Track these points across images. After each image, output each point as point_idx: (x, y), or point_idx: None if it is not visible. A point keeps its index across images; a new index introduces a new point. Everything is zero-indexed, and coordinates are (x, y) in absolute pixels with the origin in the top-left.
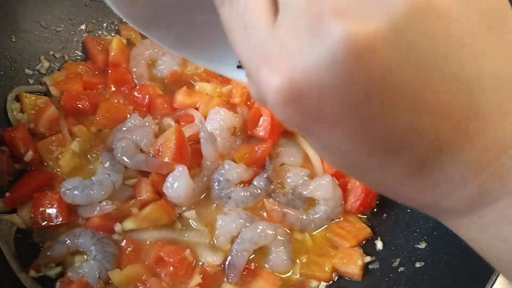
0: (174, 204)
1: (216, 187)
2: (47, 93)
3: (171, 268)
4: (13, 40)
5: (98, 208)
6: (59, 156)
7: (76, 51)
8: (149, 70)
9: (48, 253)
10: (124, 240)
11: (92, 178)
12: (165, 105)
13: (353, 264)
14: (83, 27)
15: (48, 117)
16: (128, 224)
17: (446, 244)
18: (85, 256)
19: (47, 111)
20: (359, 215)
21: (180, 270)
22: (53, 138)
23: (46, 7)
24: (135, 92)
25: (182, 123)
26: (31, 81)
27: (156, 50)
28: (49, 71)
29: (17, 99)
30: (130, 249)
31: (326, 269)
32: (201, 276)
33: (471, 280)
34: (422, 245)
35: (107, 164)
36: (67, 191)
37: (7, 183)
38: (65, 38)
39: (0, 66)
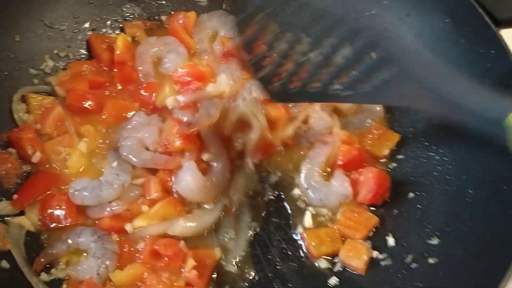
0: (188, 201)
1: None
2: (52, 93)
3: (166, 259)
4: (17, 39)
5: (108, 208)
6: (67, 157)
7: (81, 50)
8: (155, 68)
9: (49, 252)
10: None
11: (101, 178)
12: None
13: (358, 258)
14: (87, 25)
15: (55, 118)
16: (139, 222)
17: (459, 240)
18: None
19: (53, 111)
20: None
21: (177, 262)
22: (60, 138)
23: (49, 6)
24: (142, 91)
25: None
26: (36, 81)
27: (161, 48)
28: (53, 71)
29: (23, 99)
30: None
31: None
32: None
33: (486, 277)
34: (435, 241)
35: (114, 164)
36: (76, 192)
37: (14, 185)
38: (69, 37)
39: (4, 66)
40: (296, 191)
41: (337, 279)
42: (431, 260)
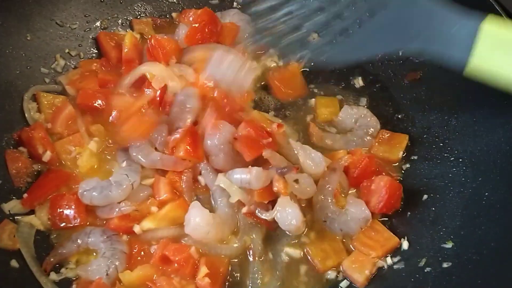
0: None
1: None
2: (63, 92)
3: (176, 265)
4: (28, 38)
5: (117, 209)
6: (77, 156)
7: (92, 49)
8: None
9: (59, 251)
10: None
11: (110, 178)
12: None
13: (360, 272)
14: (98, 24)
15: (66, 117)
16: (147, 224)
17: (474, 243)
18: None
19: (64, 110)
20: (383, 215)
21: (186, 268)
22: (71, 138)
23: (61, 5)
24: (150, 89)
25: None
26: (47, 80)
27: None
28: (65, 70)
29: (34, 98)
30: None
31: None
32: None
33: (502, 282)
34: (449, 245)
35: (124, 164)
36: (85, 192)
37: (25, 184)
38: (80, 36)
39: (16, 65)
40: None
41: (348, 282)
42: (445, 264)
